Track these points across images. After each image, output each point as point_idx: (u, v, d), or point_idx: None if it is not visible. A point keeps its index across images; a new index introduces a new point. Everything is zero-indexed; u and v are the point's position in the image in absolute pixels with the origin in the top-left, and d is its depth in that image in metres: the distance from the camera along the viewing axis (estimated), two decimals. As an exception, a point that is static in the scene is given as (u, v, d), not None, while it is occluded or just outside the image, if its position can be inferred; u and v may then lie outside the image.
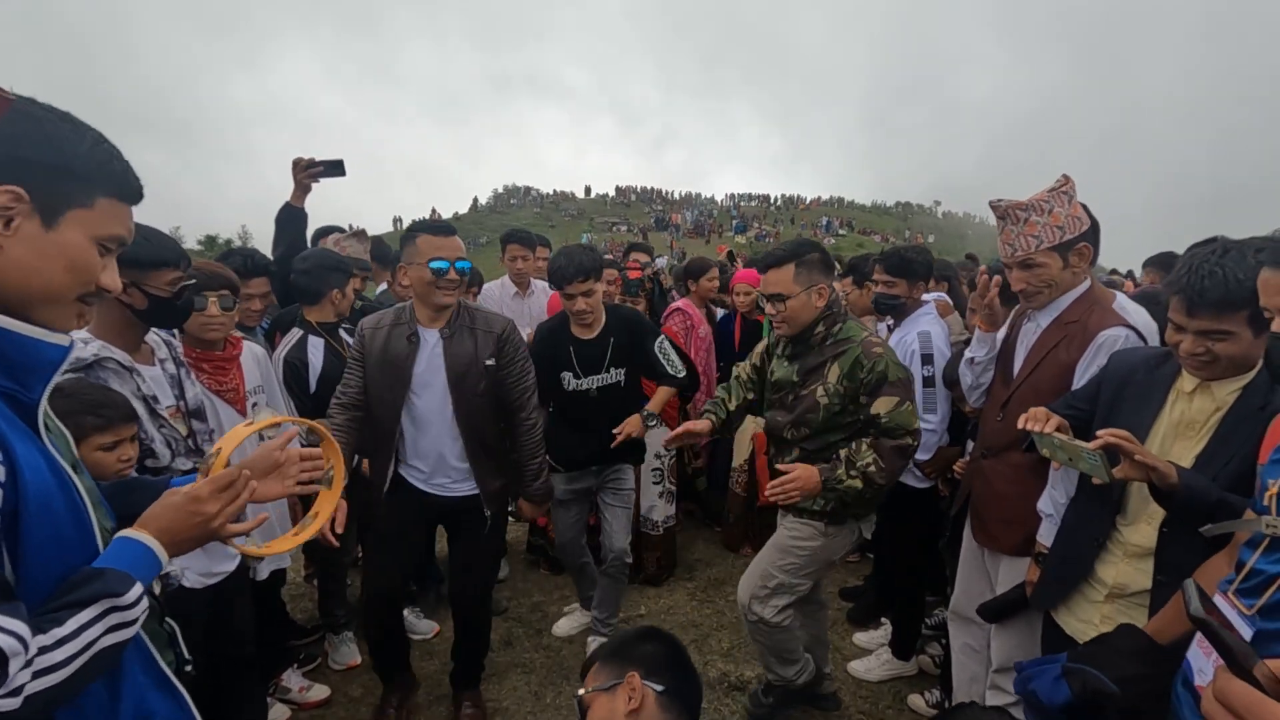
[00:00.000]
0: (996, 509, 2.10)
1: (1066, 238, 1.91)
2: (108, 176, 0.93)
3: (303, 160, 2.89)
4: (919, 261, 2.82)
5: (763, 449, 3.93)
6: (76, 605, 0.84)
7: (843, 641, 3.27)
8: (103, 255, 0.94)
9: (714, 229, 54.67)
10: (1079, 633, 1.70)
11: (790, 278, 2.25)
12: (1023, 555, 2.02)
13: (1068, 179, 1.94)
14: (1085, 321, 1.91)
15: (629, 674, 1.27)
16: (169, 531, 0.99)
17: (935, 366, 2.65)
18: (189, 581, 1.85)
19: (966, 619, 2.34)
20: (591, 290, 2.63)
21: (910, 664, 2.99)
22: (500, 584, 3.70)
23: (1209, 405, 1.52)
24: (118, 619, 0.88)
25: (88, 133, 0.92)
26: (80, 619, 0.84)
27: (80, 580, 0.87)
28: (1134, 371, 1.68)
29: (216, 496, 1.03)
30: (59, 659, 0.81)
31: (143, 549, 0.95)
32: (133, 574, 0.91)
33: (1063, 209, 1.91)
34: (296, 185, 2.90)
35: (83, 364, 1.61)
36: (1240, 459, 1.43)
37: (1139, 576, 1.61)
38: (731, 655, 3.12)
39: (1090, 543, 1.71)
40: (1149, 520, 1.60)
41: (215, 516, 1.03)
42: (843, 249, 41.92)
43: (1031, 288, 1.98)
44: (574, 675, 2.95)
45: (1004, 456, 2.08)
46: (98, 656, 0.85)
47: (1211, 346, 1.44)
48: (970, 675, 2.35)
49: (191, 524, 1.01)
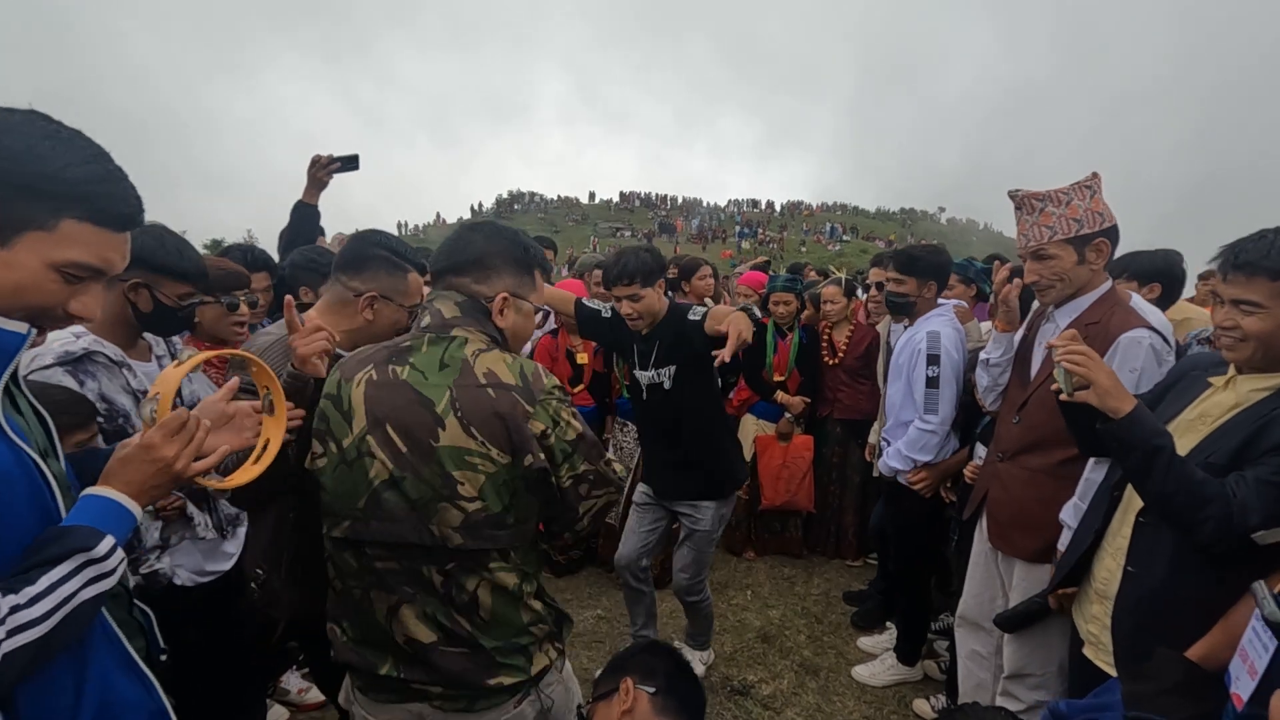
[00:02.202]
0: (1014, 513, 2.07)
1: (1083, 232, 1.86)
2: (82, 199, 0.87)
3: (322, 158, 2.90)
4: (926, 259, 2.75)
5: (764, 451, 3.91)
6: (47, 563, 0.85)
7: (847, 646, 3.24)
8: (70, 282, 0.89)
9: (717, 234, 54.76)
10: (1084, 632, 1.70)
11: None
12: (1040, 561, 1.98)
13: (1096, 175, 1.89)
14: (1106, 323, 1.87)
15: (623, 680, 1.34)
16: (132, 483, 0.98)
17: (941, 367, 2.60)
18: (181, 580, 1.83)
19: (974, 624, 2.31)
20: (637, 295, 2.47)
21: (915, 669, 2.96)
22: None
23: (1229, 401, 1.47)
24: (94, 571, 0.89)
25: (77, 152, 0.88)
26: (53, 575, 0.85)
27: (48, 539, 0.87)
28: (1195, 368, 1.65)
29: (170, 440, 1.01)
30: (35, 615, 0.82)
31: (107, 502, 0.95)
32: (101, 528, 0.91)
33: (1082, 202, 1.86)
34: (311, 182, 2.90)
35: (71, 358, 1.59)
36: (1227, 454, 1.40)
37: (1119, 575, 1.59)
38: (734, 659, 3.09)
39: (1089, 532, 1.70)
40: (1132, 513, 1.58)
41: (175, 459, 1.01)
42: (847, 255, 41.94)
43: (1044, 280, 1.94)
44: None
45: (1020, 460, 2.05)
46: (79, 610, 0.87)
47: (1240, 320, 1.38)
48: (977, 682, 2.32)
49: (152, 471, 0.99)
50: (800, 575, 3.94)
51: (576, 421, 1.32)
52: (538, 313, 1.51)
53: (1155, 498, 1.43)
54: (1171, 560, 1.47)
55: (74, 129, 0.89)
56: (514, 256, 1.42)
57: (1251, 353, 1.39)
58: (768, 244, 48.65)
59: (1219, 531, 1.32)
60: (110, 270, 0.93)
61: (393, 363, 1.32)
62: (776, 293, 3.90)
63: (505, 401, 1.25)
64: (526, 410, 1.25)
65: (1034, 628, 2.02)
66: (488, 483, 1.25)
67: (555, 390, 1.31)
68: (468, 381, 1.26)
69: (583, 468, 1.32)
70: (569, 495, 1.33)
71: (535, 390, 1.28)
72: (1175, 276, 2.62)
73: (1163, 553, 1.48)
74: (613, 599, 3.59)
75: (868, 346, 3.83)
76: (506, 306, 1.39)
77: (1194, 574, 1.43)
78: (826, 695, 2.88)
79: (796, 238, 54.58)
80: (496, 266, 1.40)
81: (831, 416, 3.93)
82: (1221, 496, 1.33)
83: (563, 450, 1.29)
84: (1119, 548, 1.59)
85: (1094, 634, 1.66)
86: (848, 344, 3.88)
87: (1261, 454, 1.35)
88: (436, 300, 1.38)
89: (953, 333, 2.66)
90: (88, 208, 0.88)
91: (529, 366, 1.32)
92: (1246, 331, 1.37)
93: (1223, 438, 1.43)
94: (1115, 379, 1.47)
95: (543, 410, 1.27)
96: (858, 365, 3.84)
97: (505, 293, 1.39)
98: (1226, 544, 1.33)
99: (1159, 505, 1.44)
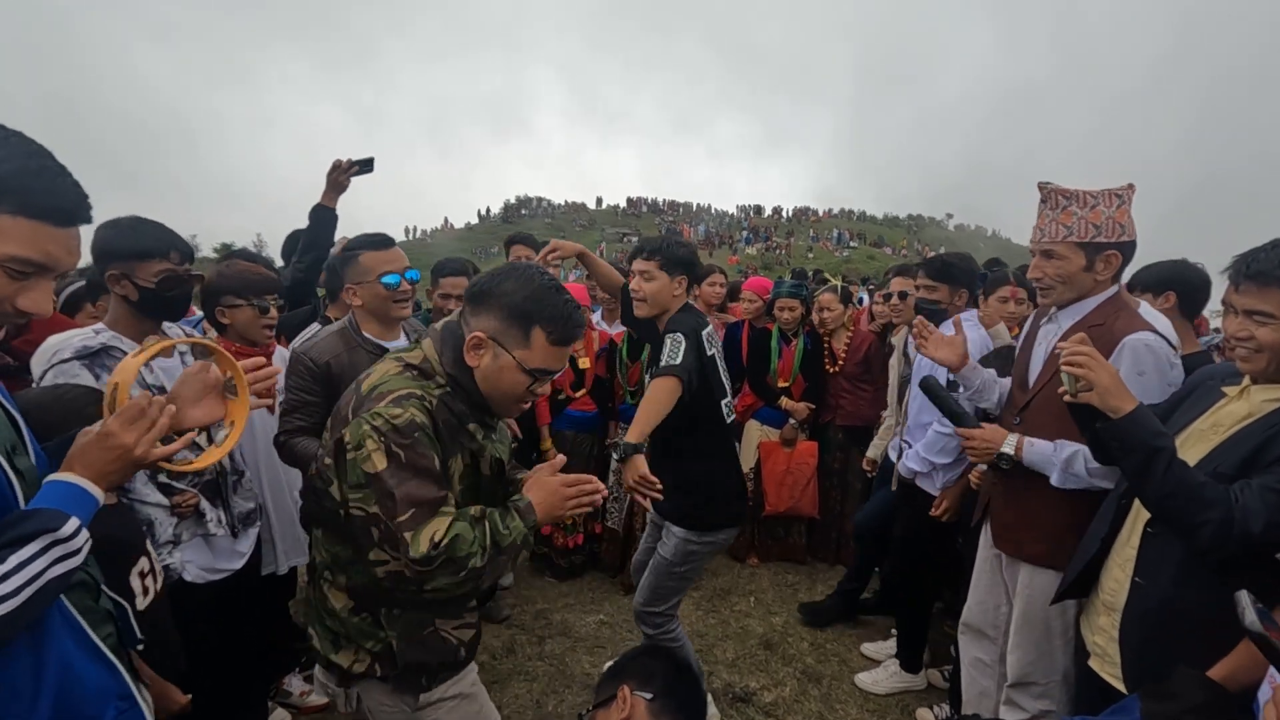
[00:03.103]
0: (1017, 516, 2.05)
1: (1098, 239, 1.82)
2: (13, 193, 0.89)
3: (342, 162, 2.93)
4: (959, 267, 2.79)
5: (768, 457, 3.90)
6: (14, 543, 0.90)
7: (850, 654, 3.22)
8: (15, 278, 0.92)
9: (724, 240, 54.76)
10: (1090, 644, 1.67)
11: None
12: (1045, 566, 1.97)
13: (1130, 186, 1.85)
14: (1110, 326, 1.84)
15: (621, 687, 1.34)
16: (91, 467, 1.02)
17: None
18: (190, 576, 1.86)
19: (978, 632, 2.29)
20: (650, 274, 2.36)
21: (919, 677, 2.94)
22: (504, 590, 3.68)
23: (1241, 410, 1.45)
24: (61, 551, 0.94)
25: (10, 149, 0.90)
26: (21, 555, 0.90)
27: (13, 521, 0.92)
28: (1210, 378, 1.63)
29: (128, 428, 1.04)
30: (6, 590, 0.87)
31: (69, 486, 0.99)
32: (65, 509, 0.96)
33: (1107, 209, 1.82)
34: (330, 185, 2.93)
35: (89, 352, 1.67)
36: (1235, 463, 1.38)
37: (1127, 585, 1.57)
38: (736, 666, 3.07)
39: (1095, 540, 1.68)
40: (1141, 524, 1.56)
41: (134, 446, 1.04)
42: (855, 261, 41.84)
43: (1046, 280, 1.91)
44: (576, 684, 2.92)
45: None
46: (46, 587, 0.92)
47: (1255, 331, 1.36)
48: (980, 690, 2.30)
49: (111, 457, 1.03)
50: (804, 582, 3.92)
51: (382, 460, 1.23)
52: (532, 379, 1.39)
53: (1154, 499, 1.42)
54: (1179, 572, 1.44)
55: (14, 130, 0.91)
56: (515, 304, 1.35)
57: (1266, 363, 1.38)
58: (775, 250, 48.63)
59: (1218, 536, 1.31)
60: (57, 266, 0.96)
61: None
62: (782, 298, 3.90)
63: (345, 403, 1.33)
64: (345, 417, 1.29)
65: (1036, 635, 2.00)
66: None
67: (379, 418, 1.24)
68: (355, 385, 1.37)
69: (373, 509, 1.25)
70: (355, 524, 1.28)
71: (364, 405, 1.27)
72: (1190, 282, 2.42)
73: (1170, 564, 1.45)
74: (615, 604, 3.59)
75: (866, 353, 3.82)
76: (483, 347, 1.35)
77: (1202, 587, 1.40)
78: (829, 703, 2.86)
79: (804, 244, 54.51)
80: (490, 305, 1.36)
81: (833, 423, 3.93)
82: (1222, 501, 1.31)
83: (355, 476, 1.25)
84: (1127, 558, 1.57)
85: (1100, 646, 1.63)
86: (847, 351, 3.88)
87: (1270, 463, 1.33)
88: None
89: (976, 338, 2.63)
90: (19, 201, 0.90)
91: (386, 386, 1.30)
92: (1261, 342, 1.36)
93: (1233, 447, 1.41)
94: (1117, 378, 1.46)
95: (357, 425, 1.24)
96: (858, 371, 3.83)
97: (480, 333, 1.35)
98: (1226, 549, 1.31)
99: (1158, 507, 1.43)
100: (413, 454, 1.24)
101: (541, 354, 1.36)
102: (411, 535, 1.22)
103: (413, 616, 1.40)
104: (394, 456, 1.23)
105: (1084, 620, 1.74)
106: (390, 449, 1.23)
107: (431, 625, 1.43)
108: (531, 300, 1.34)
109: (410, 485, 1.23)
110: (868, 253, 50.23)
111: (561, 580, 3.81)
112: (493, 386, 1.38)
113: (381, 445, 1.23)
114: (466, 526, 1.29)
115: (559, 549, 3.80)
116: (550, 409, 3.75)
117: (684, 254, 2.41)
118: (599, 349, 3.75)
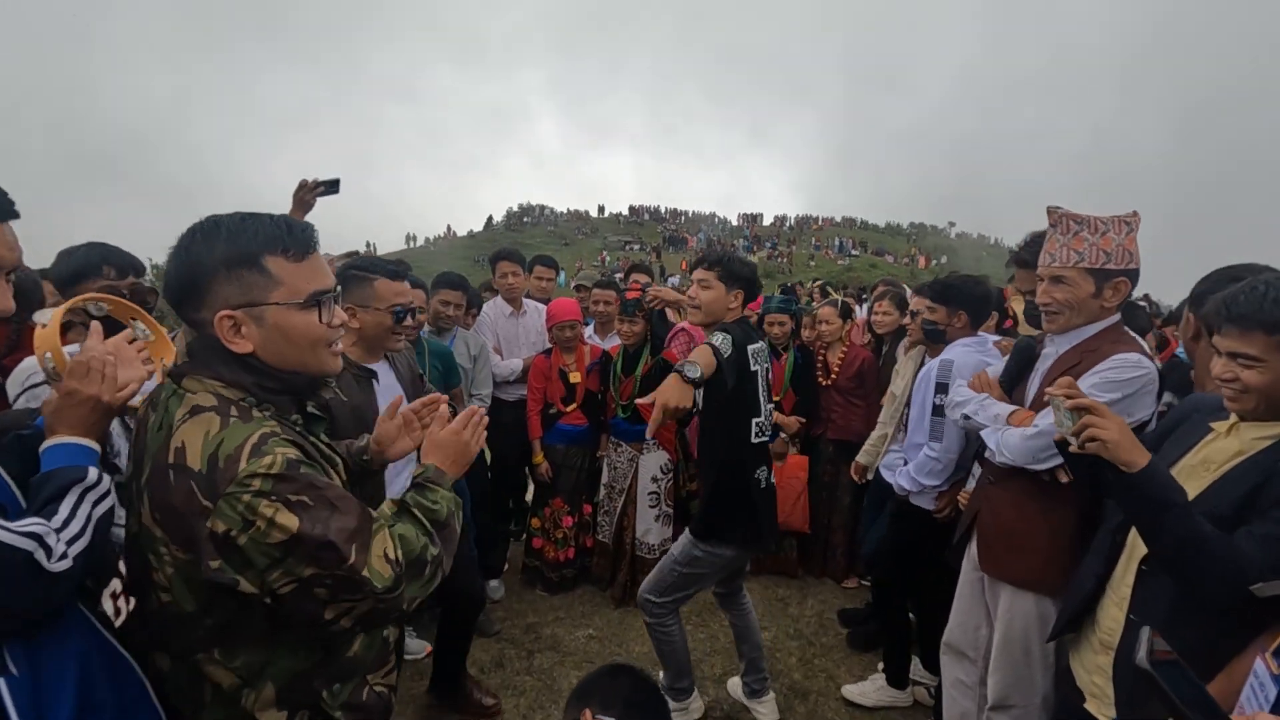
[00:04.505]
0: (1003, 536, 2.06)
1: (1109, 266, 1.83)
2: None
3: (309, 182, 2.96)
4: (959, 289, 2.79)
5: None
6: (54, 499, 1.05)
7: (837, 669, 3.22)
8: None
9: (726, 248, 54.79)
10: (1086, 684, 1.62)
11: None
12: (1028, 589, 1.98)
13: (1136, 214, 1.86)
14: (1102, 348, 1.86)
15: (583, 711, 1.32)
16: (76, 426, 1.14)
17: (949, 395, 2.63)
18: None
19: (959, 653, 2.31)
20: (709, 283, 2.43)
21: (905, 694, 2.94)
22: (494, 604, 3.69)
23: (1232, 448, 1.42)
24: (95, 495, 1.10)
25: None
26: (67, 505, 1.05)
27: (40, 484, 1.07)
28: (1196, 410, 1.61)
29: (85, 381, 1.15)
30: (76, 530, 1.04)
31: (65, 445, 1.12)
32: (77, 463, 1.10)
33: (1117, 236, 1.83)
34: (296, 204, 2.97)
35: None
36: (1232, 504, 1.35)
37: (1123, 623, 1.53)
38: (723, 682, 3.08)
39: (1091, 578, 1.64)
40: (1136, 560, 1.53)
41: (101, 393, 1.15)
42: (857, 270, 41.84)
43: (1054, 305, 1.91)
44: (562, 699, 2.92)
45: (1009, 483, 2.04)
46: (99, 524, 1.09)
47: (1240, 373, 1.34)
48: (961, 711, 2.30)
49: (85, 410, 1.15)
50: (794, 596, 3.93)
51: (291, 518, 1.01)
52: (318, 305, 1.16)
53: (1164, 553, 1.37)
54: (1172, 609, 1.41)
55: None
56: (225, 259, 1.09)
57: (1255, 404, 1.36)
58: (777, 258, 48.69)
59: (1228, 592, 1.27)
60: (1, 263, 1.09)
61: (149, 402, 1.17)
62: (771, 313, 3.93)
63: (181, 491, 1.01)
64: (204, 506, 1.00)
65: (1016, 658, 2.01)
66: (176, 577, 1.06)
67: (255, 479, 1.00)
68: (161, 458, 1.04)
69: (307, 573, 1.03)
70: (291, 603, 1.04)
71: (221, 480, 1.00)
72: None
73: (1163, 601, 1.42)
74: (605, 618, 3.60)
75: (859, 368, 3.85)
76: (243, 322, 1.10)
77: (1195, 625, 1.37)
78: (815, 719, 2.87)
79: (806, 252, 54.54)
80: (204, 282, 1.09)
81: (825, 436, 3.94)
82: (1230, 555, 1.27)
83: (265, 554, 1.00)
84: (1123, 596, 1.54)
85: (1099, 686, 1.58)
86: (840, 364, 3.90)
87: (1268, 506, 1.30)
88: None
89: (973, 364, 2.59)
90: None
91: (229, 444, 1.02)
92: (1247, 385, 1.34)
93: (1228, 486, 1.38)
94: (1127, 431, 1.39)
95: (227, 507, 0.99)
96: (851, 386, 3.85)
97: (225, 310, 1.09)
98: (1233, 601, 1.28)
99: (1167, 560, 1.37)
100: (313, 491, 1.05)
101: (297, 277, 1.13)
102: (368, 569, 1.06)
103: (349, 685, 1.24)
104: (299, 505, 1.02)
105: (1077, 658, 1.69)
106: (289, 500, 1.02)
107: (365, 684, 1.28)
108: (235, 242, 1.10)
109: (335, 521, 1.05)
110: (869, 261, 50.24)
111: (552, 594, 3.82)
112: (285, 349, 1.15)
113: (278, 503, 1.01)
114: (403, 525, 1.17)
115: (550, 562, 3.81)
116: (541, 423, 3.77)
117: (744, 270, 2.47)
118: (590, 363, 3.78)
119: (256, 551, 1.01)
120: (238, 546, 1.00)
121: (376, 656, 1.31)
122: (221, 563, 1.01)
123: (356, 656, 1.26)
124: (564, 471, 3.78)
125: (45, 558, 0.99)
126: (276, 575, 1.02)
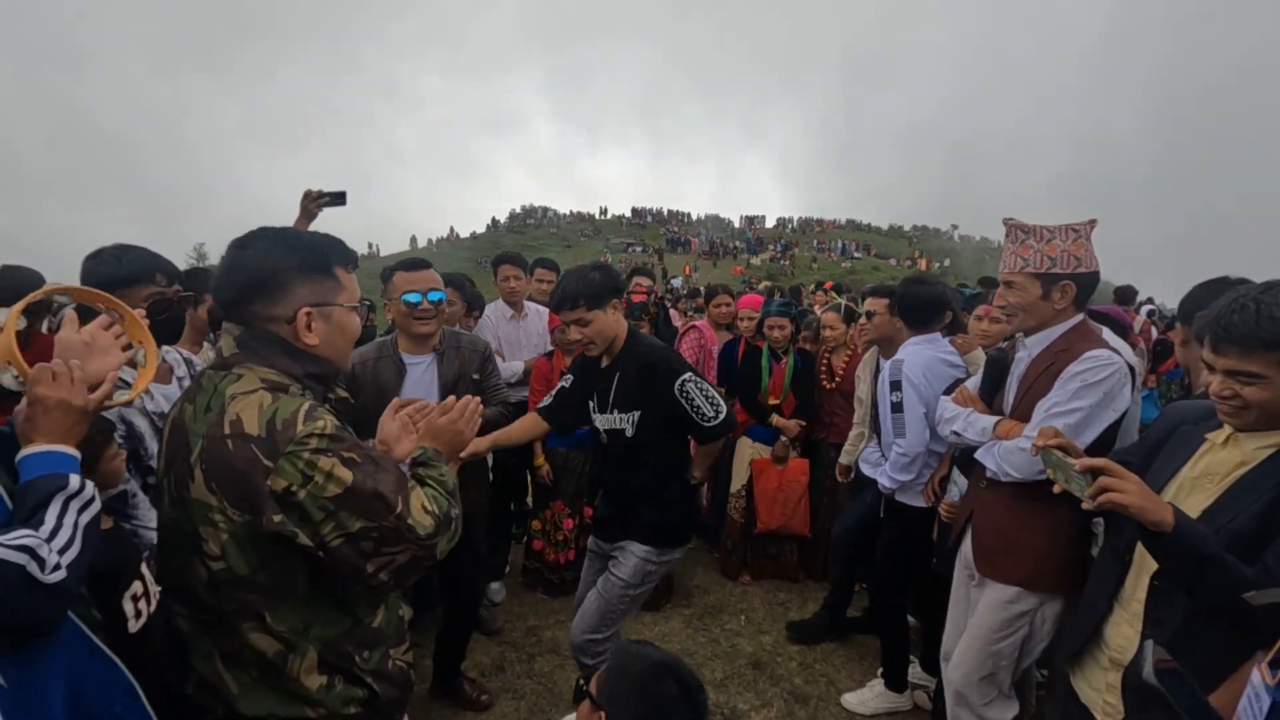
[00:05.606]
0: (997, 539, 2.08)
1: (1053, 270, 1.93)
2: None
3: (313, 192, 2.99)
4: (900, 293, 2.91)
5: (760, 475, 3.92)
6: (38, 509, 1.02)
7: (838, 674, 3.22)
8: None
9: (729, 250, 54.84)
10: (1091, 702, 1.61)
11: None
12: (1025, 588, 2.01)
13: (1092, 222, 1.94)
14: (1072, 348, 1.94)
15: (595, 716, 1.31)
16: (51, 433, 1.11)
17: (904, 393, 2.70)
18: None
19: (958, 658, 2.31)
20: (584, 319, 2.25)
21: (904, 698, 2.94)
22: (495, 607, 3.69)
23: (1234, 458, 1.41)
24: (79, 502, 1.07)
25: None
26: (53, 514, 1.03)
27: (24, 495, 1.04)
28: (1183, 421, 1.61)
29: (52, 385, 1.12)
30: (66, 539, 1.01)
31: (43, 454, 1.09)
32: (58, 471, 1.08)
33: (1063, 243, 1.92)
34: (302, 213, 2.99)
35: None
36: (1246, 518, 1.33)
37: (1138, 641, 1.51)
38: (724, 686, 3.08)
39: (1102, 599, 1.63)
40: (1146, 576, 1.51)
41: (72, 397, 1.13)
42: (859, 272, 41.82)
43: (1008, 307, 2.05)
44: (563, 703, 2.93)
45: (1002, 487, 2.06)
46: (88, 531, 1.06)
47: (1239, 390, 1.33)
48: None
49: (58, 416, 1.12)
50: (795, 600, 3.92)
51: (346, 472, 1.15)
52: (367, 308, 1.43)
53: (1206, 600, 1.33)
54: (1183, 622, 1.40)
55: None
56: (304, 262, 1.27)
57: (1255, 419, 1.36)
58: (779, 260, 48.67)
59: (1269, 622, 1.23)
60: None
61: (184, 399, 1.27)
62: (771, 317, 3.93)
63: (242, 456, 1.13)
64: (265, 465, 1.12)
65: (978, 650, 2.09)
66: (230, 541, 1.17)
67: (313, 439, 1.14)
68: (216, 432, 1.16)
69: (357, 526, 1.16)
70: (340, 555, 1.17)
71: (280, 441, 1.13)
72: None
73: (1177, 617, 1.41)
74: (605, 621, 3.60)
75: (861, 372, 3.86)
76: (313, 320, 1.26)
77: (1205, 638, 1.36)
78: (815, 724, 2.87)
79: (808, 254, 54.51)
80: (285, 283, 1.25)
81: (826, 440, 3.94)
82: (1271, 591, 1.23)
83: (321, 508, 1.14)
84: (1135, 614, 1.53)
85: (1111, 704, 1.56)
86: (845, 368, 3.90)
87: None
88: (222, 336, 1.30)
89: (924, 360, 2.71)
90: None
91: (285, 411, 1.16)
92: (1248, 401, 1.33)
93: (1242, 497, 1.37)
94: (1145, 489, 1.36)
95: (288, 464, 1.12)
96: (853, 389, 3.85)
97: (305, 308, 1.25)
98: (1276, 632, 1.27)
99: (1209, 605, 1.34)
100: (359, 450, 1.19)
101: (353, 285, 1.36)
102: (412, 519, 1.20)
103: (376, 653, 1.35)
104: (350, 461, 1.16)
105: (1081, 677, 1.68)
106: (343, 456, 1.16)
107: (388, 656, 1.38)
108: (314, 251, 1.28)
109: (382, 476, 1.19)
110: (872, 264, 50.18)
111: (553, 596, 3.82)
112: (339, 345, 1.33)
113: (334, 458, 1.15)
114: (428, 485, 1.32)
115: (551, 565, 3.82)
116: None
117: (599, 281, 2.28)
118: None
119: (314, 505, 1.14)
120: (297, 501, 1.13)
121: (395, 631, 1.42)
122: (283, 517, 1.13)
123: (380, 628, 1.36)
124: (565, 474, 3.78)
125: (39, 570, 0.96)
126: (330, 528, 1.15)
